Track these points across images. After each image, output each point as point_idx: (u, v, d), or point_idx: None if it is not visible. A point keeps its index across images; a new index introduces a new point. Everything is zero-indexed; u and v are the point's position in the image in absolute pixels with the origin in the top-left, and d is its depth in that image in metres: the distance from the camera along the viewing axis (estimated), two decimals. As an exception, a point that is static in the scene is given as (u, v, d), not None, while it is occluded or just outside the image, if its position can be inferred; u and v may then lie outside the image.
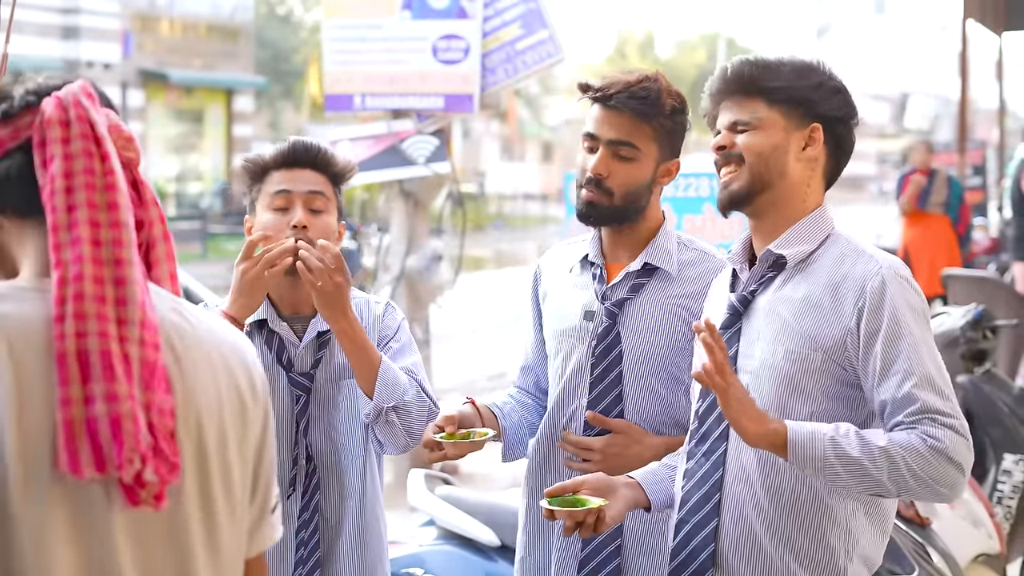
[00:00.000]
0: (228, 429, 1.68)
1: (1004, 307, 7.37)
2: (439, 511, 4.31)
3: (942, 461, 2.36)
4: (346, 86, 7.39)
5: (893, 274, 2.48)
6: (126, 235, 1.60)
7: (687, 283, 2.97)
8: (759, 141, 2.56)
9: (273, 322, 3.01)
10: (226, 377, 1.69)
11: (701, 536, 2.56)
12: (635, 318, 2.96)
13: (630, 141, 2.91)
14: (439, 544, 4.27)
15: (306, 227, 2.93)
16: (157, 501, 1.55)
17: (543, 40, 7.11)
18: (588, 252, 3.04)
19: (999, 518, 5.01)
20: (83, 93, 1.67)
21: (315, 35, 35.93)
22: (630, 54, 53.20)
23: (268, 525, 1.78)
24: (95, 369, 1.53)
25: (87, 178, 1.60)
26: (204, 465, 1.64)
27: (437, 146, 7.39)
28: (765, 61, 2.61)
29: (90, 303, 1.54)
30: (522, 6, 7.13)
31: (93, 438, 1.51)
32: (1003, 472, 5.34)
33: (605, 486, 2.65)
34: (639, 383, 2.95)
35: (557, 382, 3.03)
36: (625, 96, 2.90)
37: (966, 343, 5.63)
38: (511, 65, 7.15)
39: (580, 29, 59.84)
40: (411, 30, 7.29)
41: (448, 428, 2.80)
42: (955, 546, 4.28)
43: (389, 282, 7.69)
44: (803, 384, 2.49)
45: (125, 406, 1.53)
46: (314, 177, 3.00)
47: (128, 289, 1.58)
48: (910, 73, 63.69)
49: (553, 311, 3.08)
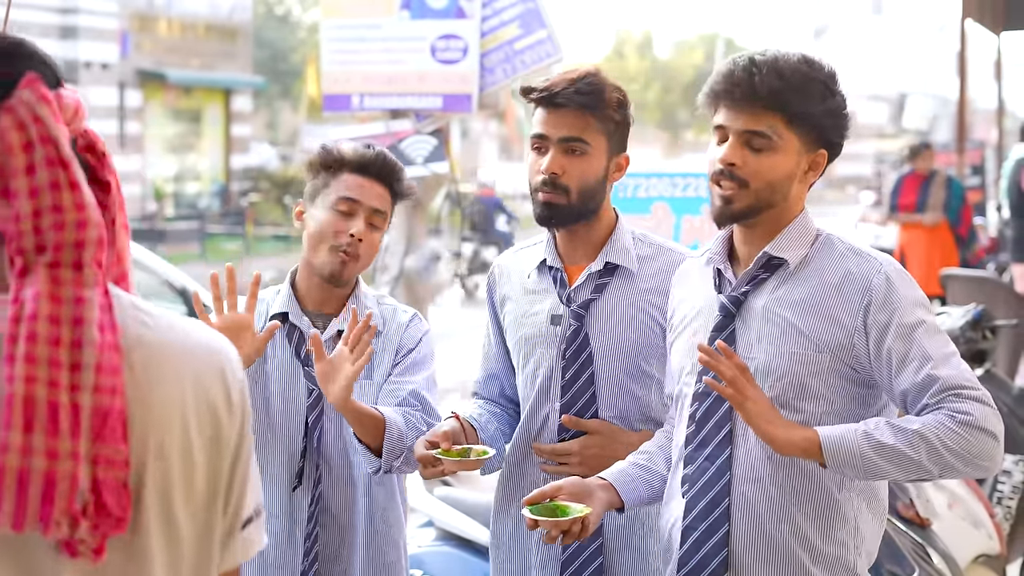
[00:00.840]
0: (195, 449, 1.57)
1: (1003, 307, 7.36)
2: (438, 512, 4.31)
3: (975, 433, 2.36)
4: (344, 86, 7.38)
5: (895, 269, 2.50)
6: (89, 274, 1.47)
7: (648, 278, 2.98)
8: (775, 167, 2.52)
9: (295, 316, 3.04)
10: (197, 391, 1.58)
11: (712, 542, 2.54)
12: (601, 318, 2.97)
13: (580, 137, 2.90)
14: (438, 545, 4.27)
15: (361, 241, 2.96)
16: (96, 555, 1.46)
17: (542, 40, 7.10)
18: (544, 256, 3.03)
19: (999, 518, 5.01)
20: (37, 99, 1.48)
21: (313, 35, 35.94)
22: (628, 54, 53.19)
23: (241, 539, 1.67)
24: (39, 421, 1.42)
25: (55, 216, 1.46)
26: (167, 491, 1.54)
27: (435, 146, 7.38)
28: (795, 74, 2.50)
29: (43, 346, 1.43)
30: (520, 6, 7.12)
31: (21, 491, 1.41)
32: (1003, 472, 5.33)
33: (581, 490, 2.64)
34: (611, 382, 2.96)
35: (529, 389, 3.03)
36: (571, 92, 2.89)
37: (966, 343, 5.62)
38: (510, 65, 7.14)
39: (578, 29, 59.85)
40: (409, 30, 7.28)
41: (443, 444, 2.79)
42: (955, 547, 4.28)
43: (388, 282, 7.69)
44: (812, 386, 2.49)
45: (64, 466, 1.43)
46: (382, 193, 3.03)
47: (86, 330, 1.45)
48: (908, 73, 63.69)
49: (515, 319, 3.06)
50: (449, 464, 2.76)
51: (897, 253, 11.40)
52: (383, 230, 3.06)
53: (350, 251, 2.96)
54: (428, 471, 2.81)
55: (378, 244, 3.04)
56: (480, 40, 7.15)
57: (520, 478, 3.04)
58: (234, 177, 33.29)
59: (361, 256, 2.99)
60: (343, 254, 2.97)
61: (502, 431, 3.10)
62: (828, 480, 2.50)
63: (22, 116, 1.47)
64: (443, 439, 2.80)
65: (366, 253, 3.00)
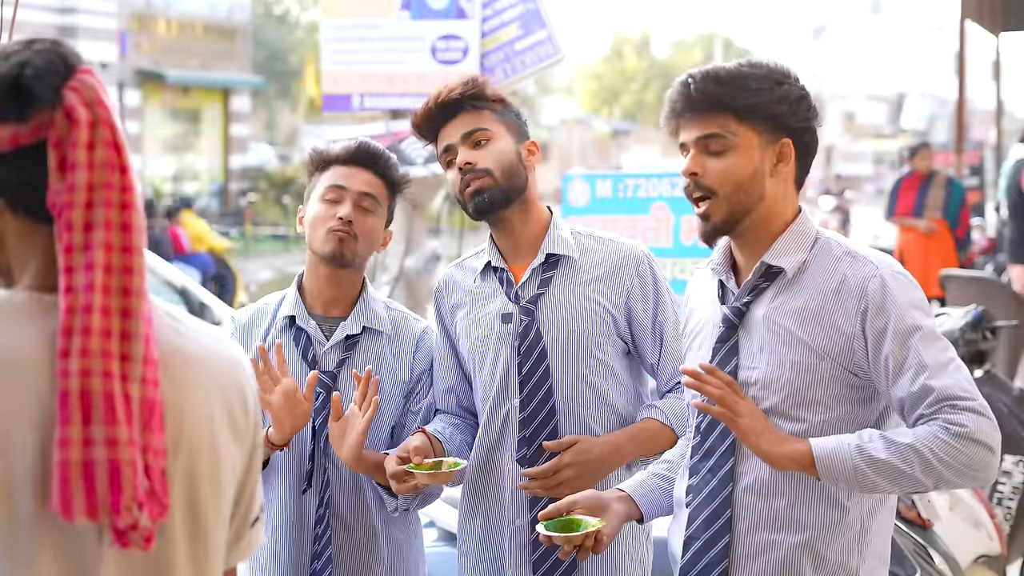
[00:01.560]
0: (220, 450, 1.63)
1: (1003, 308, 7.36)
2: (439, 512, 4.30)
3: (969, 445, 2.32)
4: (344, 86, 7.38)
5: (891, 272, 2.46)
6: (137, 262, 1.52)
7: (592, 267, 3.05)
8: (736, 167, 2.49)
9: (302, 319, 3.06)
10: (218, 396, 1.64)
11: (713, 552, 2.52)
12: (551, 311, 3.02)
13: (479, 127, 3.04)
14: (439, 546, 4.26)
15: (351, 222, 3.00)
16: (146, 543, 1.50)
17: (542, 40, 7.09)
18: (488, 259, 3.09)
19: (999, 519, 5.01)
20: (100, 87, 1.56)
21: (311, 35, 35.95)
22: (627, 54, 53.20)
23: (247, 538, 1.74)
24: (97, 411, 1.46)
25: (107, 193, 1.51)
26: (194, 490, 1.60)
27: (435, 146, 7.38)
28: (729, 75, 2.50)
29: (96, 339, 1.47)
30: (521, 6, 7.12)
31: (89, 482, 1.46)
32: (1003, 473, 5.33)
33: (597, 503, 2.63)
34: (567, 372, 3.01)
35: (488, 389, 3.06)
36: (457, 96, 3.05)
37: (966, 344, 5.62)
38: (510, 65, 7.14)
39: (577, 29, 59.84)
40: (409, 30, 7.28)
41: (414, 459, 2.82)
42: (956, 547, 4.28)
43: (387, 282, 7.69)
44: (813, 394, 2.46)
45: (125, 452, 1.47)
46: (371, 179, 3.08)
47: (134, 323, 1.50)
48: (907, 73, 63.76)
49: (467, 325, 3.10)
50: (422, 478, 2.79)
51: (896, 254, 11.38)
52: (378, 214, 3.07)
53: (343, 230, 2.99)
54: (402, 486, 2.84)
55: (376, 228, 3.06)
56: (480, 40, 7.15)
57: (486, 481, 3.07)
58: (232, 177, 33.29)
59: (359, 237, 3.02)
60: (338, 232, 3.00)
61: (467, 442, 3.12)
62: (836, 488, 2.47)
63: (87, 95, 1.53)
64: (414, 453, 2.83)
65: (363, 234, 3.02)
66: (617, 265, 3.04)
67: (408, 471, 2.81)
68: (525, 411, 3.00)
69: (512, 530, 3.02)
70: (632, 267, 3.03)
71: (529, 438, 2.99)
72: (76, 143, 1.51)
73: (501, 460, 3.05)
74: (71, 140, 1.51)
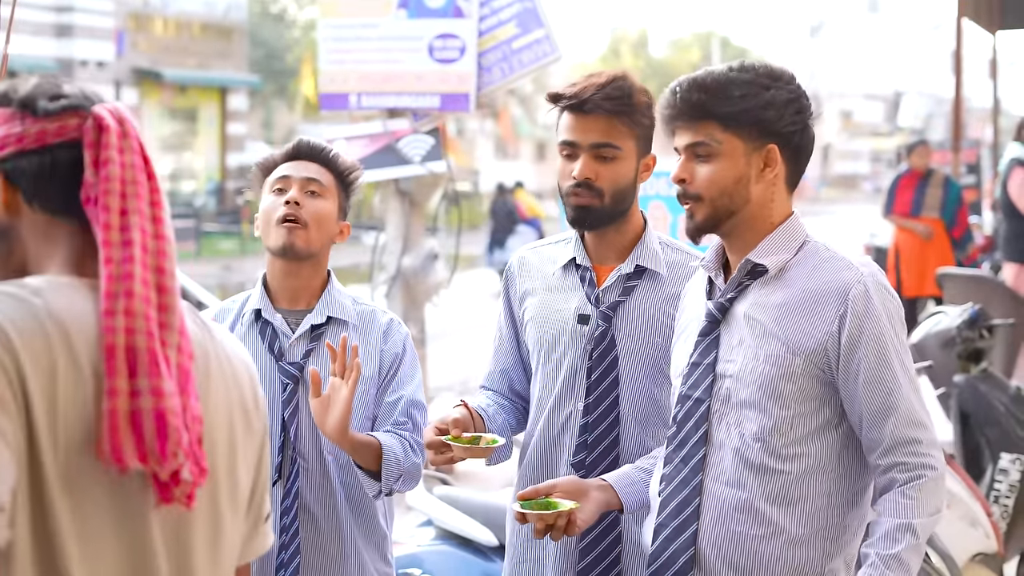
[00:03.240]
0: (237, 443, 1.71)
1: (999, 306, 7.36)
2: (437, 511, 4.31)
3: (927, 507, 2.47)
4: (341, 85, 7.37)
5: (874, 282, 2.52)
6: (169, 248, 1.62)
7: (675, 283, 2.99)
8: (721, 173, 2.55)
9: (268, 312, 3.06)
10: (235, 392, 1.74)
11: (681, 539, 2.58)
12: (629, 320, 2.98)
13: (611, 142, 2.93)
14: (437, 544, 4.27)
15: (299, 204, 3.00)
16: (189, 500, 1.57)
17: (539, 39, 7.09)
18: (574, 255, 3.04)
19: (996, 517, 5.02)
20: (129, 113, 1.68)
21: (308, 34, 35.94)
22: (624, 53, 53.21)
23: (261, 534, 1.81)
24: (142, 365, 1.54)
25: (138, 189, 1.61)
26: (213, 478, 1.66)
27: (433, 145, 7.38)
28: (715, 82, 2.55)
29: (139, 302, 1.56)
30: (518, 5, 7.12)
31: (137, 430, 1.52)
32: (1000, 471, 5.34)
33: (576, 488, 2.71)
34: (634, 385, 2.97)
35: (551, 386, 3.02)
36: (599, 98, 2.91)
37: (963, 343, 5.63)
38: (507, 64, 7.14)
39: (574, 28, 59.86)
40: (407, 29, 7.28)
41: (453, 431, 2.80)
42: (953, 546, 4.29)
43: (385, 281, 7.69)
44: (781, 388, 2.53)
45: (171, 402, 1.55)
46: (315, 168, 3.08)
47: (169, 298, 1.60)
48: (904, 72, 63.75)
49: (536, 315, 3.07)
50: (459, 451, 2.77)
51: (892, 253, 11.39)
52: (327, 198, 3.06)
53: (291, 217, 2.99)
54: (438, 457, 2.82)
55: (327, 213, 3.04)
56: (478, 39, 7.14)
57: (542, 476, 3.02)
58: (230, 176, 33.26)
59: (309, 223, 3.00)
60: (286, 223, 2.99)
61: (510, 424, 3.11)
62: (797, 483, 2.54)
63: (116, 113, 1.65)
64: (453, 426, 2.81)
65: (313, 219, 3.01)
66: None
67: (445, 443, 2.78)
68: (589, 416, 2.96)
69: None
70: None
71: (589, 444, 2.96)
72: (107, 145, 1.61)
73: (557, 462, 3.01)
74: (103, 143, 1.61)
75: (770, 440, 2.53)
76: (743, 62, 2.61)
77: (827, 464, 2.55)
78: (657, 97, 2.75)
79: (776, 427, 2.52)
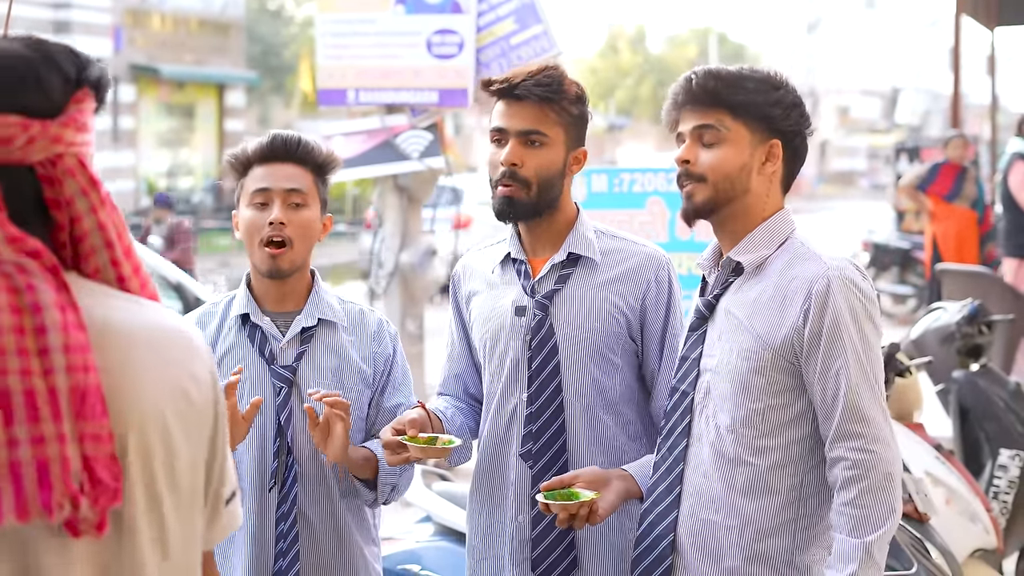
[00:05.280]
0: (172, 426, 1.60)
1: (998, 302, 7.36)
2: (435, 507, 4.30)
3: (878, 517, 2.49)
4: (339, 81, 7.37)
5: (838, 276, 2.57)
6: (29, 263, 1.50)
7: (610, 268, 3.02)
8: (726, 159, 2.64)
9: (255, 316, 3.02)
10: (165, 372, 1.61)
11: (663, 525, 2.69)
12: (566, 308, 3.00)
13: (539, 129, 2.94)
14: (436, 540, 4.26)
15: (284, 223, 2.94)
16: (98, 529, 1.49)
17: (537, 35, 7.10)
18: (509, 250, 3.06)
19: (995, 513, 5.01)
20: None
21: (306, 30, 35.92)
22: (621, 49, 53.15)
23: (224, 515, 1.72)
24: (19, 411, 1.43)
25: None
26: (149, 464, 1.57)
27: (431, 141, 7.38)
28: (730, 74, 2.67)
29: (8, 336, 1.45)
30: (516, 1, 7.12)
31: (17, 483, 1.43)
32: (999, 467, 5.34)
33: (598, 478, 2.79)
34: (577, 371, 3.00)
35: (496, 381, 3.05)
36: (530, 84, 2.93)
37: (962, 338, 5.63)
38: (505, 60, 7.14)
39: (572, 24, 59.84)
40: (405, 25, 7.28)
41: (409, 431, 2.81)
42: (953, 541, 4.29)
43: (383, 277, 7.68)
44: (751, 381, 2.59)
45: (52, 449, 1.45)
46: (294, 172, 3.01)
47: (45, 316, 1.47)
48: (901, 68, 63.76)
49: (480, 313, 3.09)
50: (415, 450, 2.78)
51: (929, 243, 11.60)
52: (310, 206, 3.00)
53: (276, 239, 2.94)
54: (393, 458, 2.83)
55: (311, 222, 2.99)
56: (476, 35, 7.14)
57: (494, 474, 3.06)
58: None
59: (294, 240, 2.95)
60: (270, 246, 2.95)
61: (468, 426, 3.13)
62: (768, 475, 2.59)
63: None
64: (409, 426, 2.82)
65: (298, 235, 2.96)
66: (637, 267, 3.02)
67: (402, 443, 2.79)
68: (533, 406, 2.98)
69: (514, 527, 3.01)
70: (651, 271, 3.03)
71: (535, 433, 2.98)
72: None
73: (507, 455, 3.04)
74: None
75: (742, 432, 2.60)
76: (752, 66, 2.75)
77: (798, 456, 2.60)
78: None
79: (747, 420, 2.59)
